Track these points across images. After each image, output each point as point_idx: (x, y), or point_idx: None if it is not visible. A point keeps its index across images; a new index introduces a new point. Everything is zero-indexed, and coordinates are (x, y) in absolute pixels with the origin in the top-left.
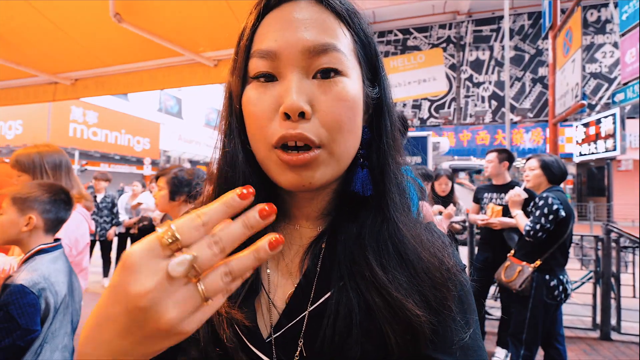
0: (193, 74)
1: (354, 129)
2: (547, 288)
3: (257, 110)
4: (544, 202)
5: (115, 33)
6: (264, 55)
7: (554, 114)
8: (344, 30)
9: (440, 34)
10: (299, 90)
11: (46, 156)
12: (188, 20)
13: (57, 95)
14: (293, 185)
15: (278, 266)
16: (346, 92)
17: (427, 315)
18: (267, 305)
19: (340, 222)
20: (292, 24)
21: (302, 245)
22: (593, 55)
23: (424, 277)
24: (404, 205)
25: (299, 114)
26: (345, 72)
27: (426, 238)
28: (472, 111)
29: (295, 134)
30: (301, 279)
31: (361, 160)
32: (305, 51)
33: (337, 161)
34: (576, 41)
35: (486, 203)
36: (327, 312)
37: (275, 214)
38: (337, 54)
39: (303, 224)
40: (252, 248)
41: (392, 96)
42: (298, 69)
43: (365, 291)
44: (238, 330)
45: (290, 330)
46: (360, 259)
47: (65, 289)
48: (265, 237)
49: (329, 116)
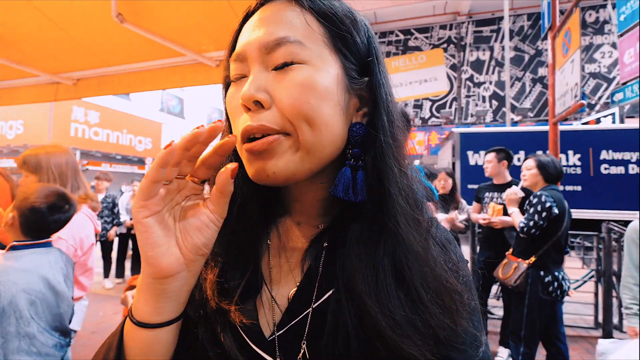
0: (195, 74)
1: (321, 118)
2: (542, 284)
3: (230, 107)
4: (537, 199)
5: (117, 33)
6: (235, 59)
7: (554, 114)
8: (310, 22)
9: (441, 35)
10: (253, 81)
11: (53, 157)
12: (190, 20)
13: (59, 95)
14: (257, 174)
15: (280, 263)
16: (304, 78)
17: (432, 348)
18: (269, 303)
19: (342, 219)
20: (257, 24)
21: (304, 242)
22: (592, 56)
23: (429, 305)
24: (410, 215)
25: (254, 103)
26: (305, 61)
27: (437, 256)
28: (473, 111)
29: (255, 125)
30: (303, 278)
31: (352, 160)
32: (262, 48)
33: (307, 153)
34: (575, 42)
35: (487, 202)
36: (329, 310)
37: (222, 132)
38: (292, 46)
39: (304, 221)
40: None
41: (392, 91)
42: (258, 64)
43: (355, 317)
44: (239, 329)
45: (293, 328)
46: (353, 278)
47: (17, 290)
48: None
49: (286, 102)
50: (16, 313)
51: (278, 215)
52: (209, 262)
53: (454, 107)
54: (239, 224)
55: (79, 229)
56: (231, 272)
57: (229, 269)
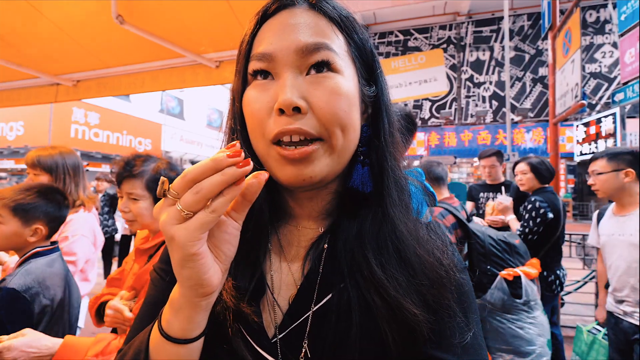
0: (195, 75)
1: (351, 123)
2: (545, 283)
3: (255, 108)
4: (531, 206)
5: (117, 34)
6: (260, 58)
7: (555, 114)
8: (336, 32)
9: (440, 35)
10: (292, 87)
11: (67, 157)
12: (190, 21)
13: (59, 97)
14: (292, 179)
15: (280, 266)
16: (339, 86)
17: (425, 314)
18: (271, 305)
19: (341, 221)
20: (287, 28)
21: (304, 246)
22: (592, 56)
23: (422, 276)
24: (402, 203)
25: (293, 109)
26: (338, 69)
27: (425, 237)
28: (473, 111)
29: (292, 128)
30: (303, 280)
31: (361, 157)
32: (299, 51)
33: (337, 156)
34: (575, 41)
35: (483, 202)
36: (329, 313)
37: (250, 165)
38: (329, 52)
39: (304, 224)
40: (213, 160)
41: (391, 96)
42: (292, 68)
43: (364, 290)
44: (243, 330)
45: (295, 330)
46: (360, 257)
47: (61, 293)
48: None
49: (324, 109)
50: (61, 314)
51: (278, 219)
52: None
53: (454, 107)
54: (248, 227)
55: (92, 227)
56: (240, 275)
57: (238, 271)
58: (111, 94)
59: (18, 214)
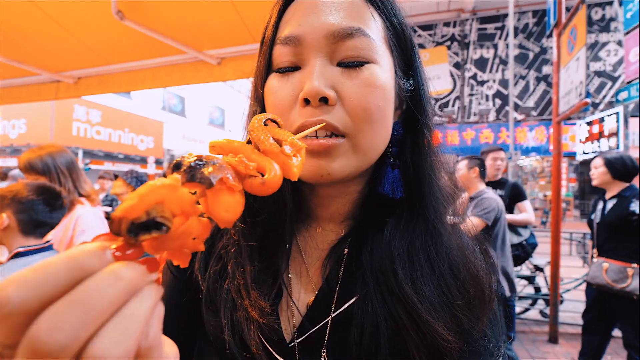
0: (196, 72)
1: (384, 120)
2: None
3: (277, 98)
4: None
5: (117, 31)
6: (287, 41)
7: (558, 112)
8: (373, 14)
9: (444, 32)
10: (320, 75)
11: (57, 157)
12: (191, 17)
13: (60, 94)
14: (310, 174)
15: (299, 269)
16: (375, 78)
17: (458, 340)
18: (289, 309)
19: (365, 227)
20: (317, 8)
21: (324, 249)
22: (597, 54)
23: (457, 295)
24: (442, 213)
25: (320, 99)
26: (374, 59)
27: (467, 250)
28: (476, 109)
29: (315, 121)
30: (323, 284)
31: (391, 159)
32: (330, 35)
33: (363, 155)
34: (581, 39)
35: None
36: (354, 324)
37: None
38: (365, 39)
39: (325, 227)
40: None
41: (430, 91)
42: (322, 55)
43: (391, 306)
44: (260, 335)
45: (313, 336)
46: (388, 270)
47: None
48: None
49: (356, 102)
50: None
51: (298, 221)
52: (238, 267)
53: (457, 105)
54: (268, 228)
55: (99, 226)
56: (261, 277)
57: (258, 274)
58: (112, 91)
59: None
